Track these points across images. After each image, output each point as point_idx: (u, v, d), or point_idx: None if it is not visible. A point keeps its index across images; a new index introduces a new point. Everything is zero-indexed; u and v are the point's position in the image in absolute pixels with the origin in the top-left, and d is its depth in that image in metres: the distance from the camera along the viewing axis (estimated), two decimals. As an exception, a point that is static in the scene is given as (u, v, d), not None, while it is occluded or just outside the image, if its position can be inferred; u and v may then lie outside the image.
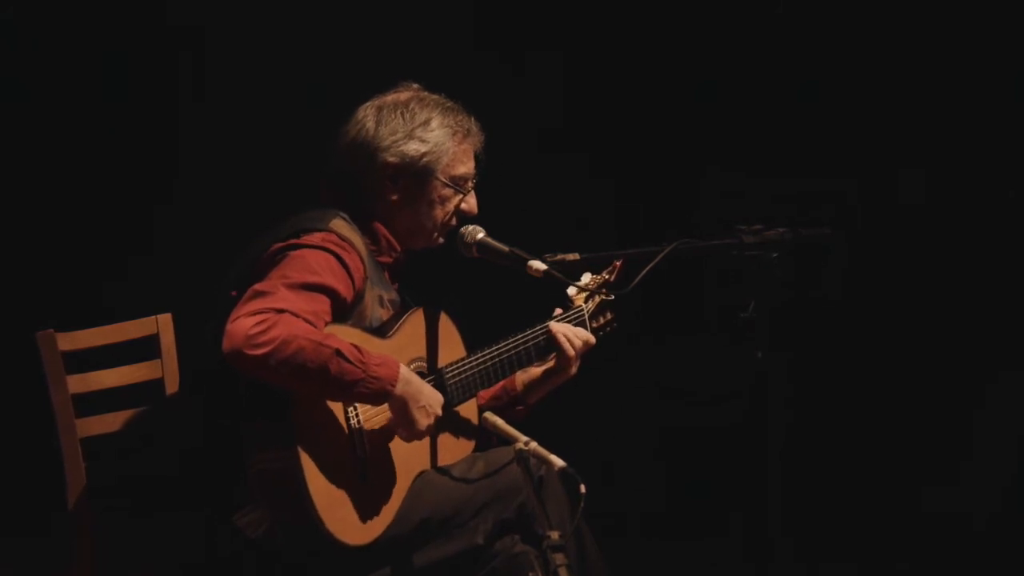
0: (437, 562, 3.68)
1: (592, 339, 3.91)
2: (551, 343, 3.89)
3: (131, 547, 3.90)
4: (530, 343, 3.88)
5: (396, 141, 3.75)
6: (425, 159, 3.76)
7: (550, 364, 3.91)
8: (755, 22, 5.21)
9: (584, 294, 3.97)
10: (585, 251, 3.85)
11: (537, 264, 3.76)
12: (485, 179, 3.87)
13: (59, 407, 3.75)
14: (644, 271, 3.70)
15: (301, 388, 3.48)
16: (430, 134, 3.76)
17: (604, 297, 3.97)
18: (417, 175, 3.77)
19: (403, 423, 3.60)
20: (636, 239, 3.94)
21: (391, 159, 3.75)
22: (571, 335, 3.88)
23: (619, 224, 5.20)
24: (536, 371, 3.93)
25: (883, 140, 5.19)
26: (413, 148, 3.75)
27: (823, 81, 5.20)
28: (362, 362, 3.48)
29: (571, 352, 3.87)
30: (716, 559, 5.13)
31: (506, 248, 3.80)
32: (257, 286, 3.50)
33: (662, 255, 3.70)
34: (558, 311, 3.96)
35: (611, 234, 4.07)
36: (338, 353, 3.45)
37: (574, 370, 3.92)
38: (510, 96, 5.16)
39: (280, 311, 3.44)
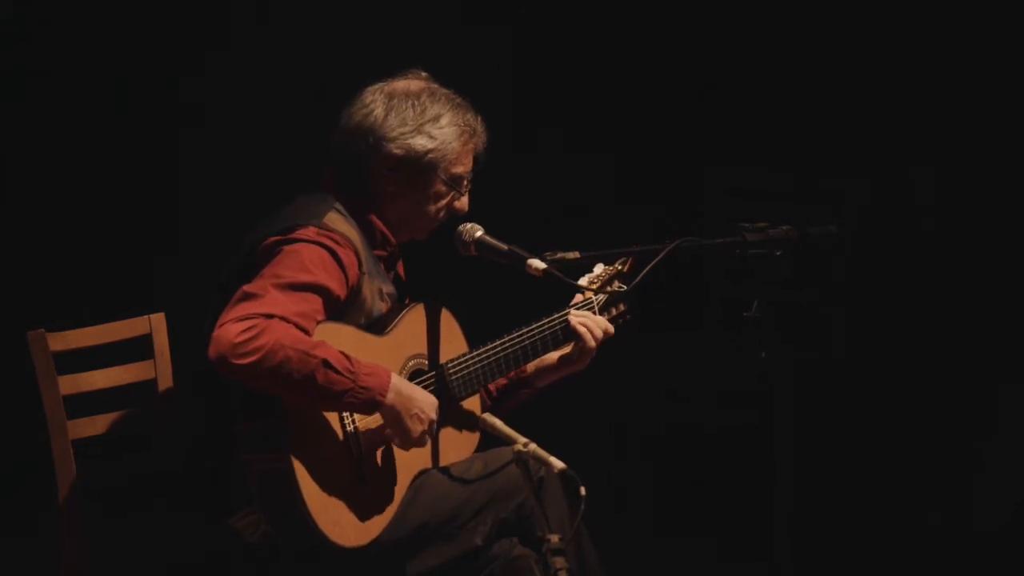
0: (436, 565, 3.64)
1: (611, 329, 3.89)
2: (569, 333, 3.86)
3: (125, 549, 3.87)
4: (545, 334, 3.86)
5: (404, 133, 3.72)
6: (430, 155, 3.72)
7: (567, 351, 3.89)
8: (761, 18, 5.18)
9: (595, 285, 3.94)
10: (586, 249, 3.82)
11: (536, 263, 3.72)
12: (485, 178, 3.84)
13: (50, 408, 3.73)
14: (646, 269, 3.67)
15: (289, 398, 3.45)
16: (439, 131, 3.73)
17: (616, 289, 3.95)
18: (418, 170, 3.73)
19: (396, 432, 3.57)
20: (639, 237, 3.90)
21: (396, 151, 3.72)
22: (592, 326, 3.85)
23: (621, 223, 5.17)
24: (553, 356, 3.91)
25: (894, 138, 5.17)
26: (420, 143, 3.72)
27: (830, 79, 5.18)
28: (351, 372, 3.45)
29: (592, 344, 3.85)
30: (719, 560, 5.10)
31: (505, 247, 3.77)
32: (247, 287, 3.47)
33: (664, 253, 3.66)
34: (579, 298, 3.93)
35: (613, 232, 4.04)
36: (326, 364, 3.41)
37: (589, 361, 3.89)
38: (510, 95, 5.13)
39: (269, 316, 3.40)
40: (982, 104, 5.11)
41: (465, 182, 3.79)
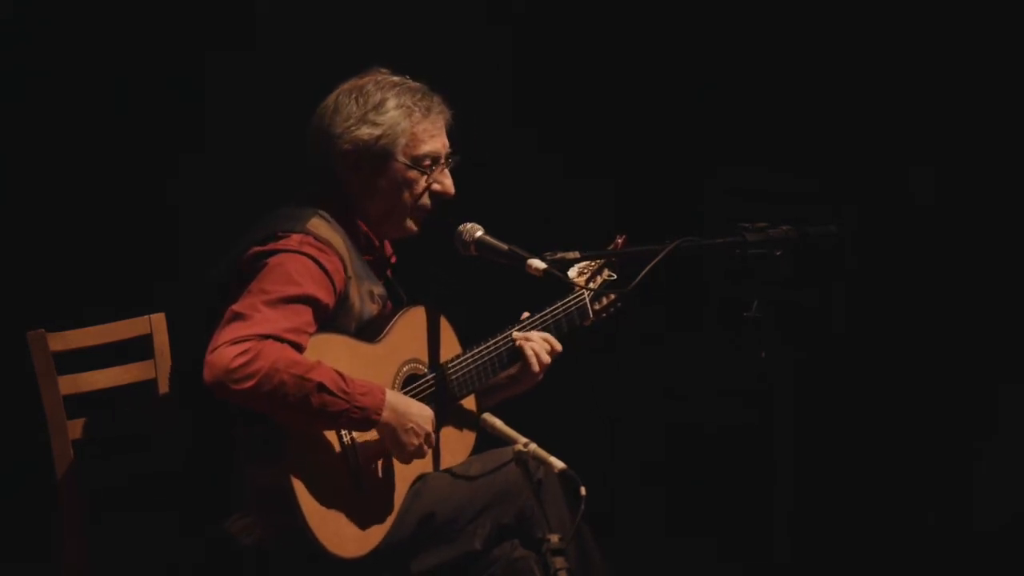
0: (435, 568, 3.64)
1: (559, 346, 3.84)
2: (558, 326, 3.85)
3: (125, 549, 3.87)
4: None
5: (349, 127, 3.68)
6: (381, 142, 3.68)
7: (512, 372, 3.85)
8: (762, 18, 5.18)
9: (586, 274, 3.94)
10: (585, 249, 3.81)
11: (536, 263, 3.70)
12: (486, 178, 3.82)
13: (50, 408, 3.72)
14: (645, 270, 3.65)
15: (284, 418, 3.45)
16: (383, 116, 3.68)
17: (607, 277, 3.94)
18: (375, 160, 3.69)
19: (393, 447, 3.57)
20: (638, 237, 3.90)
21: (346, 146, 3.68)
22: (539, 350, 3.81)
23: (620, 222, 5.17)
24: (500, 376, 3.85)
25: (894, 138, 5.16)
26: (366, 132, 3.67)
27: (830, 79, 5.17)
28: (346, 392, 3.45)
29: (536, 368, 3.81)
30: (719, 560, 5.10)
31: (505, 246, 3.74)
32: (236, 307, 3.46)
33: (664, 253, 3.65)
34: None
35: (611, 231, 4.05)
36: (320, 388, 3.42)
37: (540, 378, 3.86)
38: (510, 95, 5.13)
39: (262, 337, 3.40)
40: (982, 104, 5.11)
41: (441, 160, 3.75)
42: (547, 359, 3.82)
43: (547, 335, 3.84)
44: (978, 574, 5.06)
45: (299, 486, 3.45)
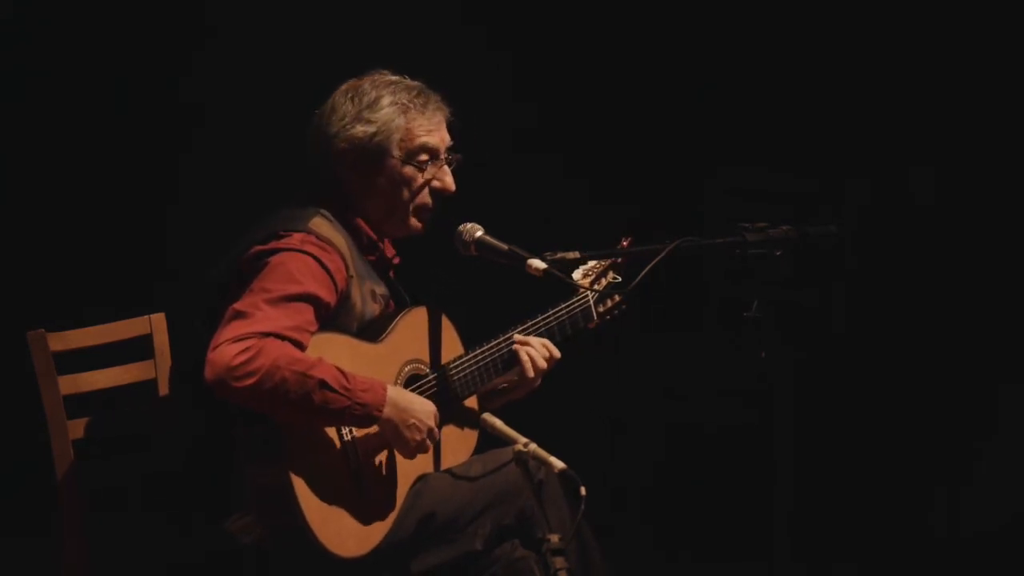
0: (435, 568, 3.63)
1: (558, 353, 3.82)
2: (562, 328, 3.84)
3: (125, 549, 3.87)
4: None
5: (345, 126, 3.68)
6: (376, 139, 3.68)
7: (511, 376, 3.83)
8: (762, 18, 5.18)
9: (590, 277, 3.94)
10: (586, 249, 3.81)
11: (537, 263, 3.69)
12: (487, 178, 3.82)
13: (50, 408, 3.72)
14: (645, 269, 3.65)
15: (286, 416, 3.45)
16: (377, 114, 3.68)
17: (612, 279, 3.94)
18: (371, 157, 3.69)
19: (395, 443, 3.57)
20: (638, 237, 3.90)
21: (343, 145, 3.68)
22: (536, 356, 3.80)
23: (620, 223, 5.17)
24: (497, 381, 3.84)
25: (894, 138, 5.17)
26: (361, 130, 3.67)
27: (830, 79, 5.18)
28: (347, 389, 3.45)
29: (531, 373, 3.79)
30: (719, 560, 5.10)
31: (505, 247, 3.74)
32: (237, 305, 3.45)
33: (664, 253, 3.65)
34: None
35: (611, 232, 4.05)
36: (322, 384, 3.42)
37: (537, 384, 3.84)
38: (510, 95, 5.13)
39: (263, 335, 3.40)
40: (982, 104, 5.11)
41: (440, 156, 3.74)
42: (543, 365, 3.80)
43: (546, 341, 3.83)
44: (978, 574, 5.06)
45: (299, 486, 3.45)
